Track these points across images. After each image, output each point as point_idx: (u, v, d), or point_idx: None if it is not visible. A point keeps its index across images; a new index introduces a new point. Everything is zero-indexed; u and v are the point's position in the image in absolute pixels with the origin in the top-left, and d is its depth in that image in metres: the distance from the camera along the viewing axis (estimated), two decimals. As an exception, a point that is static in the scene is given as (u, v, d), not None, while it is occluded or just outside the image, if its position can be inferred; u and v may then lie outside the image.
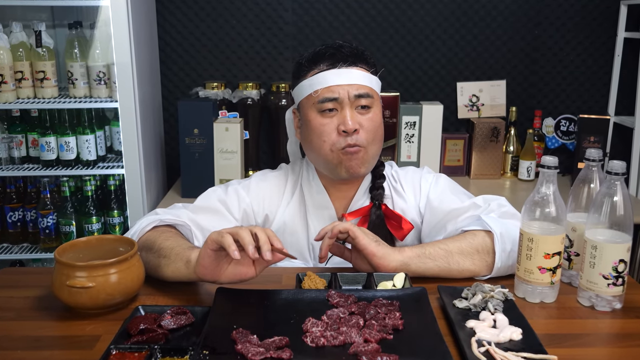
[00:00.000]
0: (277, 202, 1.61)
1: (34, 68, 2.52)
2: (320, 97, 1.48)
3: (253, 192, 1.60)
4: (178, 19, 2.91)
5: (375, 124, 1.50)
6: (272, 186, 1.62)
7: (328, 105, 1.48)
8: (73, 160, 2.60)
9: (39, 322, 1.18)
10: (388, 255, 1.33)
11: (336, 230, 1.33)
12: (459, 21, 2.96)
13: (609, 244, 1.21)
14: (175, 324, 1.12)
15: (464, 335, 1.09)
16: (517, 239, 1.34)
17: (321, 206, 1.58)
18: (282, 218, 1.59)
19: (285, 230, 1.58)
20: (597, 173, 1.31)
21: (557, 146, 3.06)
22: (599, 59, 3.03)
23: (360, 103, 1.48)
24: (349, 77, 1.48)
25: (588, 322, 1.21)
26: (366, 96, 1.48)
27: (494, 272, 1.36)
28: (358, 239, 1.32)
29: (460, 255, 1.36)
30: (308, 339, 1.06)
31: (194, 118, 2.56)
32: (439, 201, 1.54)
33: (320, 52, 1.52)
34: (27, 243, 2.74)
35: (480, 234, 1.38)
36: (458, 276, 1.37)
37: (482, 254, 1.36)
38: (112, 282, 1.18)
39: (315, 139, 1.50)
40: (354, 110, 1.48)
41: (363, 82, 1.49)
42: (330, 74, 1.48)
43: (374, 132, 1.50)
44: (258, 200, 1.60)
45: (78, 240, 1.30)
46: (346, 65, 1.48)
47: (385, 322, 1.11)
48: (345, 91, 1.47)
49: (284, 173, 1.65)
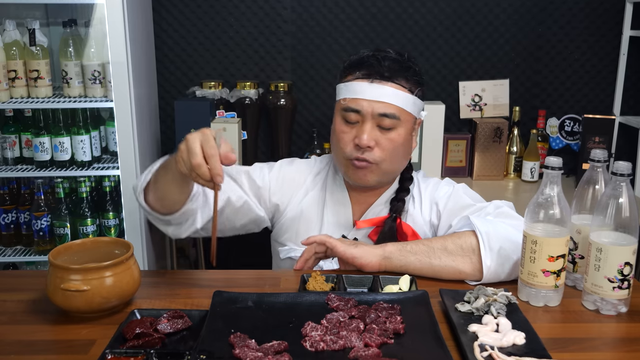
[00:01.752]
0: (296, 189, 1.64)
1: (28, 67, 2.52)
2: (345, 105, 1.51)
3: (275, 172, 1.65)
4: (175, 16, 2.91)
5: (394, 144, 1.50)
6: (295, 173, 1.66)
7: (351, 116, 1.50)
8: (67, 161, 2.60)
9: (32, 326, 1.18)
10: (368, 253, 1.39)
11: (311, 239, 1.41)
12: (461, 19, 2.96)
13: (614, 246, 1.21)
14: (172, 328, 1.12)
15: (466, 340, 1.09)
16: (509, 237, 1.35)
17: (339, 203, 1.62)
18: (300, 206, 1.63)
19: (301, 218, 1.62)
20: (602, 174, 1.31)
21: (562, 147, 3.06)
22: (604, 58, 3.03)
23: (383, 123, 1.49)
24: (379, 94, 1.48)
25: (593, 326, 1.21)
26: (391, 117, 1.48)
27: (485, 272, 1.35)
28: (336, 248, 1.39)
29: (442, 252, 1.38)
30: (307, 344, 1.06)
31: (191, 118, 2.56)
32: (453, 203, 1.56)
33: (362, 59, 1.53)
34: (20, 245, 2.74)
35: (466, 234, 1.40)
36: (443, 274, 1.38)
37: (467, 252, 1.37)
38: (108, 285, 1.18)
39: (335, 142, 1.56)
40: (375, 127, 1.49)
41: (392, 101, 1.48)
42: (361, 86, 1.49)
43: (391, 152, 1.51)
44: (277, 181, 1.64)
45: (73, 242, 1.30)
46: (380, 79, 1.49)
47: (386, 326, 1.11)
48: (370, 107, 1.48)
49: (311, 163, 1.70)
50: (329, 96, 3.00)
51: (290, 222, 1.63)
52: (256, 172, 1.64)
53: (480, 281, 1.36)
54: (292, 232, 1.63)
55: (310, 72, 2.98)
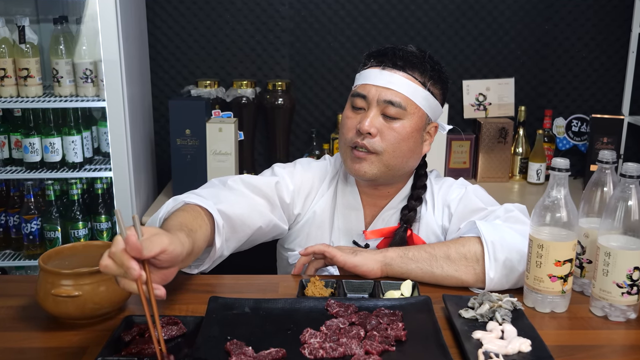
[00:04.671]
0: (313, 193, 1.65)
1: (17, 65, 2.52)
2: (354, 91, 1.54)
3: (297, 180, 1.63)
4: (169, 13, 2.91)
5: (397, 136, 1.50)
6: (313, 179, 1.66)
7: (357, 102, 1.52)
8: (58, 163, 2.60)
9: (22, 333, 1.18)
10: (368, 259, 1.39)
11: (310, 250, 1.42)
12: (465, 15, 2.96)
13: (623, 250, 1.21)
14: (167, 335, 1.12)
15: (470, 347, 1.10)
16: (516, 247, 1.35)
17: (350, 206, 1.62)
18: (313, 209, 1.63)
19: (313, 221, 1.63)
20: (610, 176, 1.31)
21: (569, 147, 3.07)
22: (613, 56, 3.04)
23: (388, 111, 1.49)
24: (387, 81, 1.49)
25: (601, 333, 1.21)
26: (397, 105, 1.48)
27: (488, 283, 1.35)
28: (336, 258, 1.40)
29: (445, 261, 1.37)
30: (306, 351, 1.06)
31: (185, 118, 2.56)
32: (463, 206, 1.56)
33: (380, 50, 1.56)
34: (9, 250, 2.74)
35: (471, 241, 1.39)
36: (445, 283, 1.38)
37: (470, 262, 1.37)
38: (100, 290, 1.18)
39: (340, 129, 1.57)
40: (379, 115, 1.50)
41: (399, 89, 1.48)
42: (372, 72, 1.52)
43: (393, 143, 1.50)
44: (299, 192, 1.63)
45: (63, 246, 1.30)
46: (392, 67, 1.50)
47: (388, 333, 1.11)
48: (377, 92, 1.49)
49: (326, 166, 1.69)
50: (328, 95, 3.00)
51: (301, 227, 1.64)
52: (283, 186, 1.59)
53: (483, 289, 1.37)
54: (302, 236, 1.63)
55: (309, 71, 2.99)
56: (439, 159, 2.88)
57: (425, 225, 1.59)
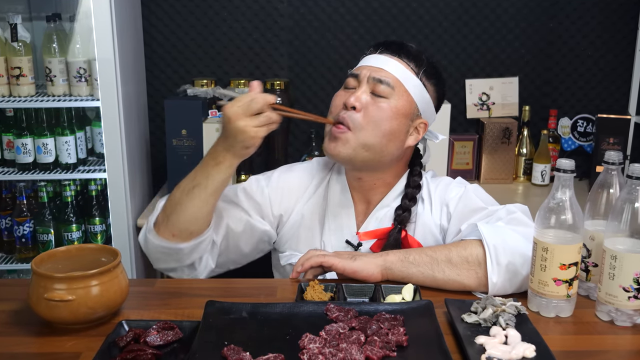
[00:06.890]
0: (298, 196, 1.66)
1: (9, 64, 2.52)
2: (349, 73, 1.58)
3: (273, 182, 1.66)
4: (165, 11, 2.91)
5: (381, 114, 1.50)
6: (295, 179, 1.67)
7: (349, 82, 1.57)
8: (51, 164, 2.60)
9: (14, 338, 1.18)
10: (368, 264, 1.40)
11: (307, 265, 1.41)
12: (468, 13, 2.97)
13: (629, 253, 1.21)
14: (162, 340, 1.12)
15: (473, 353, 1.10)
16: (519, 250, 1.34)
17: (341, 204, 1.63)
18: (301, 211, 1.64)
19: (302, 224, 1.63)
20: (616, 177, 1.31)
21: (574, 148, 3.07)
22: (619, 55, 3.04)
23: (377, 88, 1.52)
24: (381, 62, 1.55)
25: (607, 338, 1.22)
26: (385, 83, 1.51)
27: (491, 288, 1.34)
28: (335, 265, 1.40)
29: (446, 264, 1.38)
30: (305, 357, 1.06)
31: (181, 118, 2.56)
32: (463, 205, 1.56)
33: (381, 41, 1.63)
34: (1, 253, 2.74)
35: (473, 244, 1.39)
36: (447, 287, 1.38)
37: (472, 266, 1.36)
38: (94, 294, 1.18)
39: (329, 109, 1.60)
40: (368, 92, 1.53)
41: (390, 70, 1.53)
42: (368, 57, 1.59)
43: (374, 121, 1.50)
44: (277, 192, 1.65)
45: (57, 249, 1.30)
46: (389, 53, 1.56)
47: (389, 338, 1.11)
48: (368, 71, 1.54)
49: (313, 167, 1.71)
50: (328, 95, 3.00)
51: (291, 230, 1.64)
52: (253, 187, 1.64)
53: (487, 293, 1.37)
54: (293, 239, 1.64)
55: (308, 70, 2.99)
56: (442, 160, 2.88)
57: (422, 225, 1.58)
